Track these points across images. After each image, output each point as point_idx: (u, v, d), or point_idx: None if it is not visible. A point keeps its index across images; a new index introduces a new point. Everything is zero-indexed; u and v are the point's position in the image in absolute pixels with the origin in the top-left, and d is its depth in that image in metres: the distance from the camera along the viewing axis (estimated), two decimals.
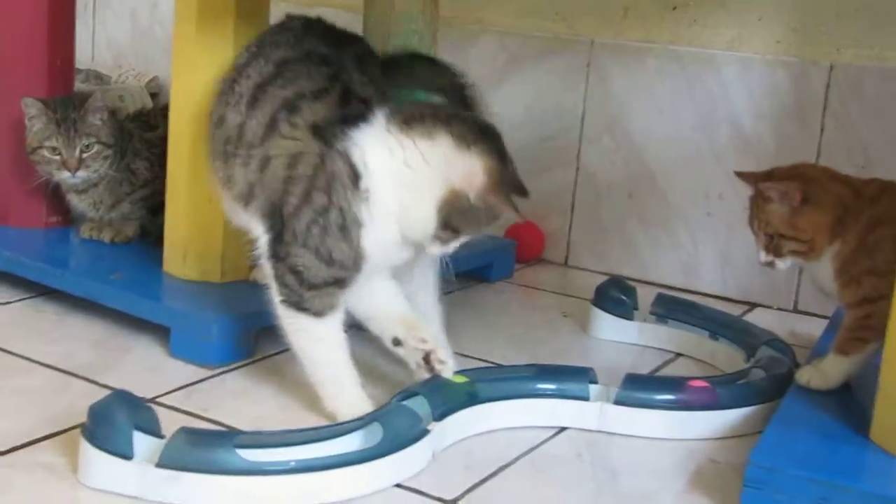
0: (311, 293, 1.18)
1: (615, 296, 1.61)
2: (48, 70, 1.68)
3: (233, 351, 1.39)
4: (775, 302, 1.83)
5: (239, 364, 1.38)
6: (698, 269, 1.89)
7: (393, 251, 1.21)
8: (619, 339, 1.60)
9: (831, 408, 1.24)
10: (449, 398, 1.21)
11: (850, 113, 1.73)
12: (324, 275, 1.17)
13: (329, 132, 1.17)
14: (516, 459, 1.19)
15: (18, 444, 1.11)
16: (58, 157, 1.60)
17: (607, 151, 1.94)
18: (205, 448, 1.04)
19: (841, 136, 1.74)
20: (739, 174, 1.34)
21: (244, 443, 1.04)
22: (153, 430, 1.06)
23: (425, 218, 1.17)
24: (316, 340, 1.21)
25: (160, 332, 1.41)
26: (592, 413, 1.28)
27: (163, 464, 1.02)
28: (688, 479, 1.18)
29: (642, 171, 1.91)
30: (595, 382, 1.30)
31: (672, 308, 1.60)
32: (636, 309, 1.62)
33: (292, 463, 1.05)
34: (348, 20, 1.38)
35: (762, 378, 1.35)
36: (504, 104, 2.02)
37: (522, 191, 1.21)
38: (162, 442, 1.04)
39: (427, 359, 1.23)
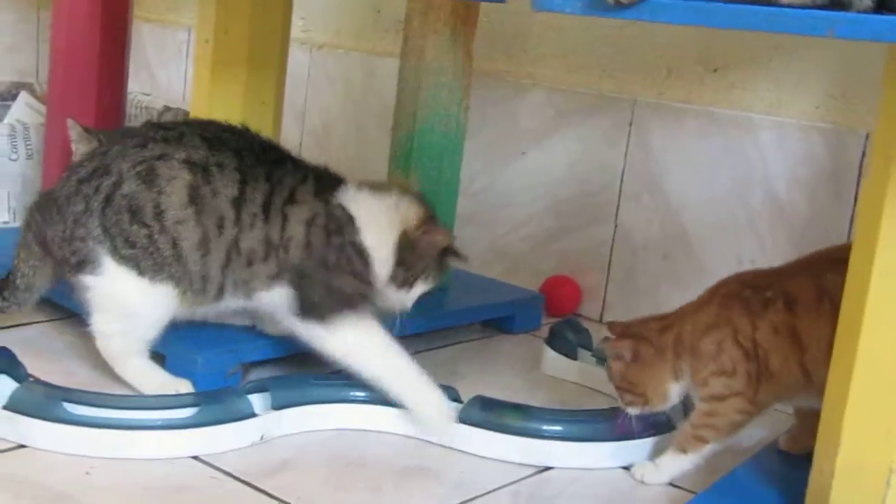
0: (343, 309, 1.39)
1: (564, 335, 1.68)
2: (96, 104, 1.80)
3: (217, 380, 1.44)
4: None
5: None
6: None
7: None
8: (563, 377, 1.66)
9: (786, 481, 1.22)
10: (294, 394, 1.37)
11: None
12: (356, 288, 1.41)
13: (326, 194, 1.43)
14: (339, 457, 1.32)
15: None
16: None
17: (645, 210, 1.94)
18: (39, 398, 1.26)
19: None
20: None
21: (71, 398, 1.26)
22: (18, 376, 1.29)
23: (386, 258, 1.42)
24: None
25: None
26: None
27: (7, 406, 1.25)
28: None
29: (677, 232, 1.90)
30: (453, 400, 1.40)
31: None
32: (585, 349, 1.67)
33: (103, 420, 1.24)
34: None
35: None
36: (549, 157, 2.05)
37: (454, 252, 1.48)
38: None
39: None
